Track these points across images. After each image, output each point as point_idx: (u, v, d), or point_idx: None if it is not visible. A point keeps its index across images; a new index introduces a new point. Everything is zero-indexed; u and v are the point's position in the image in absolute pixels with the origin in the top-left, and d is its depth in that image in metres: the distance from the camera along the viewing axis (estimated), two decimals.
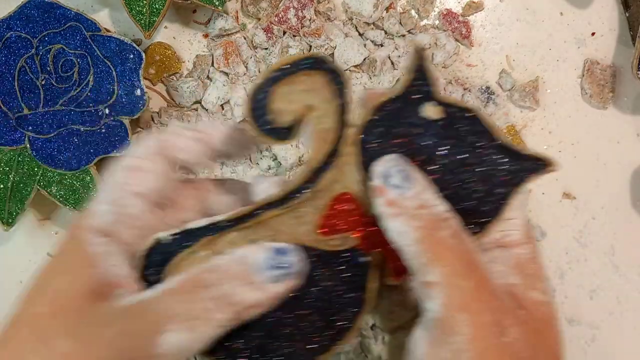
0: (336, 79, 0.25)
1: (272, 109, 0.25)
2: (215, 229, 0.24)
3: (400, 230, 0.24)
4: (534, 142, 0.44)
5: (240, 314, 0.23)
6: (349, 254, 0.25)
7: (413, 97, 0.25)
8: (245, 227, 0.24)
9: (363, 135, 0.25)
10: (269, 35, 0.43)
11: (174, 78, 0.44)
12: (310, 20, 0.43)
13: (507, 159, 0.25)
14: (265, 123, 0.25)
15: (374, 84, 0.43)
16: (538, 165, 0.25)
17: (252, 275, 0.23)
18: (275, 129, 0.25)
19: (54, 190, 0.40)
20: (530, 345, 0.24)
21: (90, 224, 0.24)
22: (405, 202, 0.23)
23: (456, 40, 0.44)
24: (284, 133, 0.26)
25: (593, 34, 0.45)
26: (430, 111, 0.25)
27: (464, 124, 0.25)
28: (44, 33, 0.40)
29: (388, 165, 0.24)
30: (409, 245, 0.23)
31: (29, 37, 0.40)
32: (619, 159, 0.44)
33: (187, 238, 0.24)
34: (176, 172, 0.26)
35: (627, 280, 0.44)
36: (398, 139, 0.25)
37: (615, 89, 0.44)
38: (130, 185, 0.24)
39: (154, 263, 0.24)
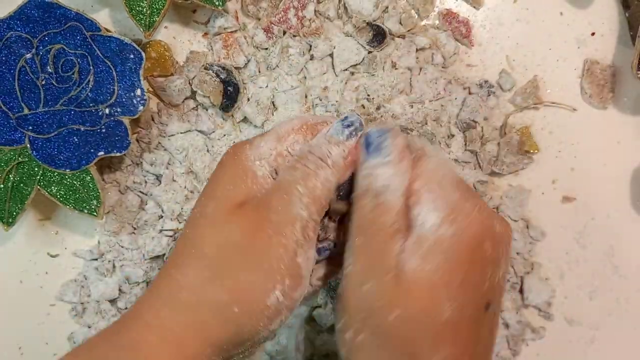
0: None
1: None
2: None
3: None
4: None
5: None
6: None
7: None
8: None
9: None
10: (269, 35, 0.43)
11: (162, 79, 0.43)
12: (310, 20, 0.43)
13: None
14: None
15: (373, 83, 0.43)
16: None
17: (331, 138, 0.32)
18: None
19: (54, 190, 0.41)
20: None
21: (254, 152, 0.32)
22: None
23: (456, 39, 0.44)
24: None
25: (593, 34, 0.45)
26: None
27: None
28: (44, 33, 0.40)
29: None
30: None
31: (29, 37, 0.40)
32: (619, 159, 0.44)
33: None
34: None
35: (627, 281, 0.44)
36: None
37: (615, 89, 0.44)
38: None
39: None
